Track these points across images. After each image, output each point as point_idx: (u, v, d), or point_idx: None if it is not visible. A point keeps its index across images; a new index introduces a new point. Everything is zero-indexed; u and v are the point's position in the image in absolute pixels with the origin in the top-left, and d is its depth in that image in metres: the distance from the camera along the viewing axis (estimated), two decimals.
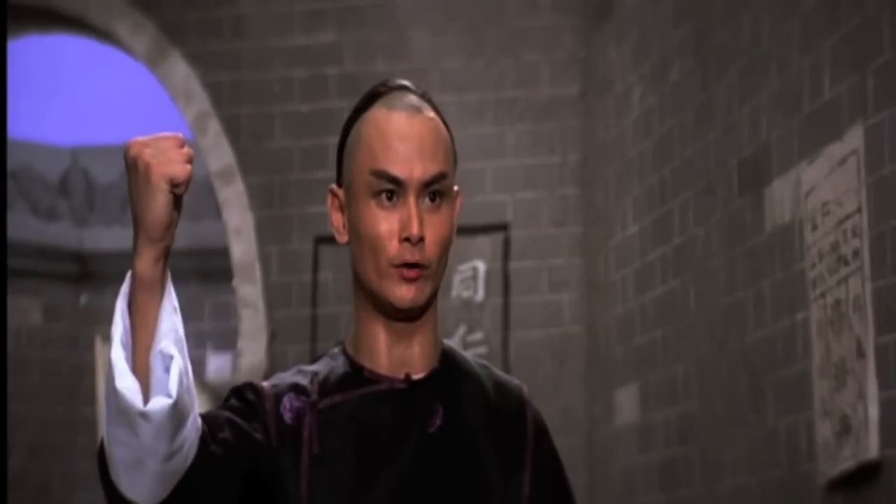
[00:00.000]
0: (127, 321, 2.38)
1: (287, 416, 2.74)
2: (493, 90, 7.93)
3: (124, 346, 2.37)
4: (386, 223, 2.70)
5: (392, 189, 2.70)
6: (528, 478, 2.84)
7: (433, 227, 2.72)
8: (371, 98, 2.82)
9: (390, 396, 2.80)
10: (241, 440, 2.64)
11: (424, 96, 2.83)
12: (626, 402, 7.00)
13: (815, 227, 5.17)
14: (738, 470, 5.77)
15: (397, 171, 2.71)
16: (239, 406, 2.73)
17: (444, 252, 2.75)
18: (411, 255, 2.69)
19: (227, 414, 2.65)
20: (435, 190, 2.72)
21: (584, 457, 7.34)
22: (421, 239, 2.69)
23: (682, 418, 6.38)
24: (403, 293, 2.72)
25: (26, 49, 9.03)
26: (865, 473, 4.71)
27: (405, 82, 2.89)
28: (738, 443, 5.79)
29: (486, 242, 7.75)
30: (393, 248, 2.70)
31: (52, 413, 10.39)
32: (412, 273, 2.70)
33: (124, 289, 2.35)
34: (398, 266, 2.70)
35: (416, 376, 2.78)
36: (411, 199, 2.70)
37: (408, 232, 2.68)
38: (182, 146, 2.26)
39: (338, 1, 8.05)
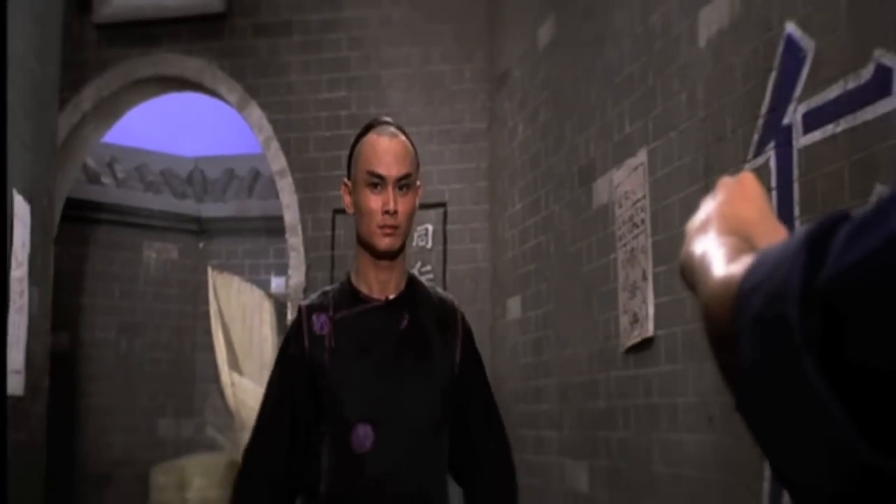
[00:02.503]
0: None
1: (316, 328, 2.88)
2: (437, 125, 7.85)
3: None
4: (375, 202, 2.81)
5: (378, 182, 2.81)
6: (458, 352, 2.96)
7: (402, 205, 2.83)
8: (368, 128, 2.94)
9: (376, 309, 2.91)
10: (300, 382, 2.90)
11: (399, 127, 2.97)
12: (513, 306, 6.99)
13: (620, 206, 5.19)
14: (577, 344, 5.77)
15: (382, 171, 2.83)
16: (293, 351, 2.91)
17: (409, 219, 2.88)
18: (388, 221, 2.81)
19: (290, 361, 2.92)
20: (403, 183, 2.85)
21: (488, 338, 7.27)
22: (395, 211, 2.80)
23: (545, 315, 6.38)
24: (385, 243, 2.83)
25: (169, 101, 8.96)
26: (645, 344, 4.77)
27: (388, 118, 3.03)
28: (576, 329, 5.78)
29: (433, 214, 7.70)
30: (379, 216, 2.81)
31: (183, 309, 10.34)
32: (389, 231, 2.82)
33: None
34: (382, 227, 2.81)
35: (391, 296, 2.91)
36: (390, 188, 2.82)
37: (387, 207, 2.80)
38: None
39: (347, 73, 7.99)
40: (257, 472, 2.88)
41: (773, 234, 1.09)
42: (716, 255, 1.02)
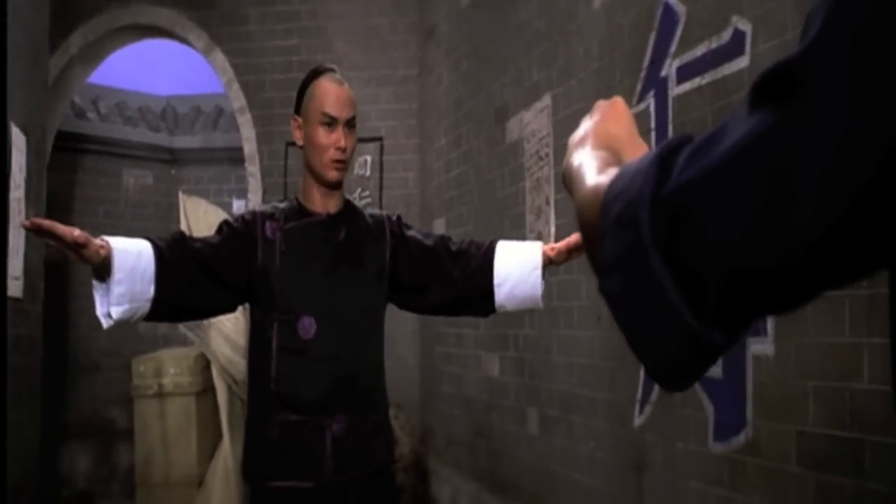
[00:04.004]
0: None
1: (268, 233, 2.86)
2: (376, 70, 7.80)
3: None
4: (328, 139, 2.83)
5: (331, 122, 2.83)
6: (387, 248, 2.97)
7: (349, 142, 2.85)
8: (316, 73, 2.93)
9: (320, 222, 2.92)
10: (231, 243, 2.83)
11: (342, 76, 2.96)
12: (439, 226, 7.00)
13: (528, 142, 5.23)
14: None
15: (335, 113, 2.83)
16: (240, 226, 2.83)
17: (353, 154, 2.88)
18: (339, 156, 2.83)
19: (225, 233, 2.81)
20: (350, 123, 2.86)
21: None
22: (345, 148, 2.83)
23: (465, 234, 6.27)
24: (335, 175, 2.85)
25: (146, 46, 8.82)
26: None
27: (333, 66, 3.02)
28: None
29: (371, 147, 7.67)
30: (331, 152, 2.82)
31: (158, 227, 10.15)
32: (340, 165, 2.84)
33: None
34: (334, 161, 2.83)
35: (332, 212, 2.92)
36: (341, 128, 2.83)
37: (339, 145, 2.82)
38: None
39: (299, 24, 7.92)
40: (179, 239, 2.73)
41: (637, 149, 1.12)
42: (589, 167, 1.04)
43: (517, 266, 2.88)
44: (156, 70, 10.94)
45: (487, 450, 5.79)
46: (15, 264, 4.91)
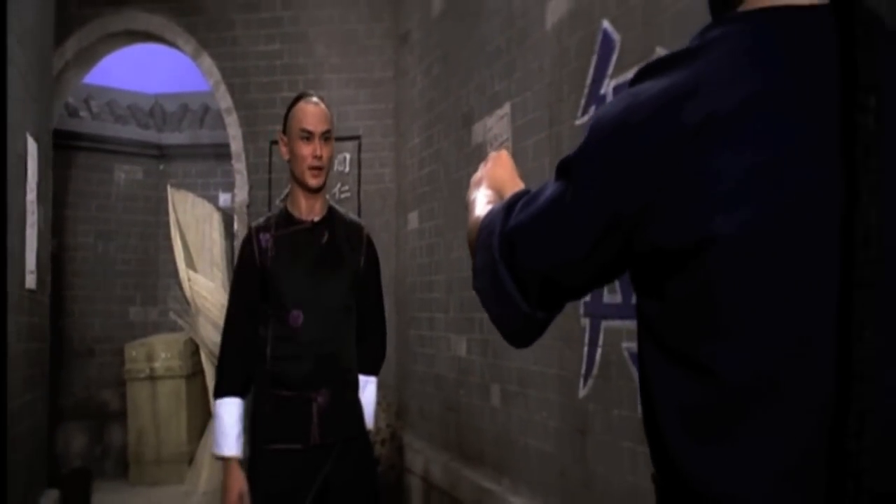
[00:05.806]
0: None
1: (262, 243, 3.18)
2: (354, 73, 7.97)
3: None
4: (307, 150, 3.11)
5: (308, 136, 3.13)
6: (363, 258, 3.27)
7: (325, 151, 3.13)
8: (298, 98, 3.22)
9: (305, 228, 3.24)
10: (255, 284, 3.21)
11: (321, 98, 3.28)
12: (413, 219, 7.15)
13: (491, 145, 5.36)
14: (460, 249, 5.93)
15: (311, 128, 3.13)
16: (247, 258, 3.18)
17: (330, 161, 3.16)
18: (316, 164, 3.12)
19: (246, 276, 3.24)
20: (326, 136, 3.14)
21: (393, 243, 7.51)
22: (321, 156, 3.13)
23: (435, 227, 6.57)
24: (314, 182, 3.14)
25: (136, 50, 8.94)
26: None
27: (312, 92, 3.29)
28: (459, 237, 5.93)
29: (349, 145, 7.85)
30: (309, 160, 3.11)
31: (148, 220, 10.08)
32: (317, 172, 3.12)
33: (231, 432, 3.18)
34: (311, 168, 3.12)
35: (316, 219, 3.26)
36: (317, 140, 3.13)
37: (315, 153, 3.10)
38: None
39: (281, 29, 8.11)
40: (233, 350, 3.21)
41: (516, 187, 1.43)
42: (479, 202, 1.39)
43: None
44: (145, 70, 11.09)
45: (457, 422, 6.00)
46: (30, 259, 5.30)
